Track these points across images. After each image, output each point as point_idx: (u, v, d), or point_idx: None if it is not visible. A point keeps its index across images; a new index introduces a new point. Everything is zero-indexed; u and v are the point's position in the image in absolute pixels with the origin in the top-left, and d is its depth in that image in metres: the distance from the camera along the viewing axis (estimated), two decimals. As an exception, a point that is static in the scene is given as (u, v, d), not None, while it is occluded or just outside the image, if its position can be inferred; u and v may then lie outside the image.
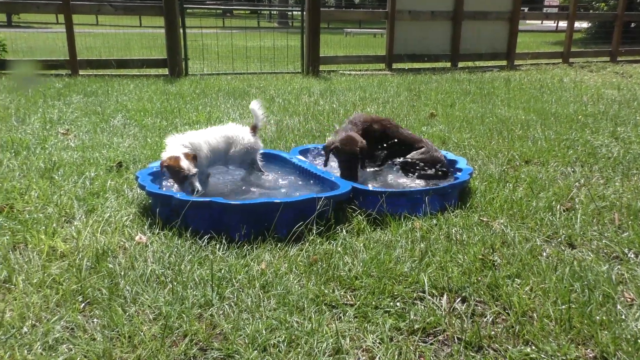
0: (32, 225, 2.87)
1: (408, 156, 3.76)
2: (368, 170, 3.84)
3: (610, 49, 13.61)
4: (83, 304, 2.17)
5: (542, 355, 1.95)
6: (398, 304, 2.28)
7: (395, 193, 3.30)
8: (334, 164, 3.81)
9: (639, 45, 14.72)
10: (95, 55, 10.85)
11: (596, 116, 6.41)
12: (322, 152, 3.89)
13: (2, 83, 7.78)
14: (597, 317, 2.16)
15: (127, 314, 2.10)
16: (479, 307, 2.28)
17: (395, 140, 3.81)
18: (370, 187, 3.45)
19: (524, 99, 7.69)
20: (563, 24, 14.81)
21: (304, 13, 10.20)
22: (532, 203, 3.44)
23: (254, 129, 3.71)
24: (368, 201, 3.23)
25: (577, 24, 14.38)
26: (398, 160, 3.79)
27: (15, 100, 6.54)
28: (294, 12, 22.27)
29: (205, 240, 2.75)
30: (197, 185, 3.16)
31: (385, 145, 3.81)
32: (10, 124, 5.26)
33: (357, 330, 2.09)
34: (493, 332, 2.09)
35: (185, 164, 3.11)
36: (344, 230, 2.95)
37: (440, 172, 3.73)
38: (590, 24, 23.41)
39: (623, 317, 2.17)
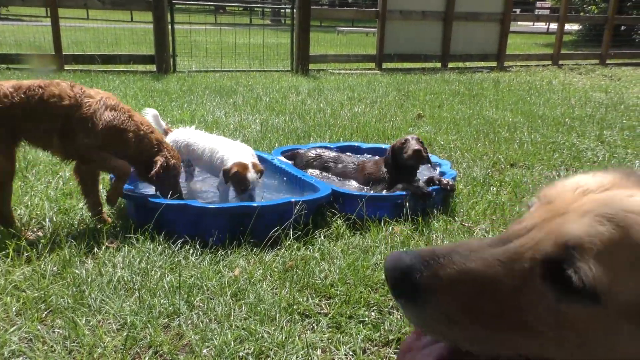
0: (-1, 227, 2.77)
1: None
2: None
3: (600, 51, 13.63)
4: (45, 313, 2.08)
5: None
6: (373, 313, 2.22)
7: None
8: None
9: (629, 49, 14.77)
10: (83, 50, 10.68)
11: (583, 119, 6.39)
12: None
13: (-16, 78, 7.62)
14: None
15: (90, 323, 2.01)
16: (456, 317, 2.22)
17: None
18: None
19: (512, 100, 7.66)
20: (554, 26, 14.81)
21: (294, 10, 10.12)
22: (515, 208, 3.39)
23: None
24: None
25: (567, 27, 14.38)
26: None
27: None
28: (286, 10, 22.14)
29: (179, 245, 2.67)
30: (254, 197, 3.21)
31: None
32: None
33: (329, 341, 2.03)
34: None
35: (251, 176, 3.13)
36: (322, 235, 2.88)
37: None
38: (580, 27, 23.48)
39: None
